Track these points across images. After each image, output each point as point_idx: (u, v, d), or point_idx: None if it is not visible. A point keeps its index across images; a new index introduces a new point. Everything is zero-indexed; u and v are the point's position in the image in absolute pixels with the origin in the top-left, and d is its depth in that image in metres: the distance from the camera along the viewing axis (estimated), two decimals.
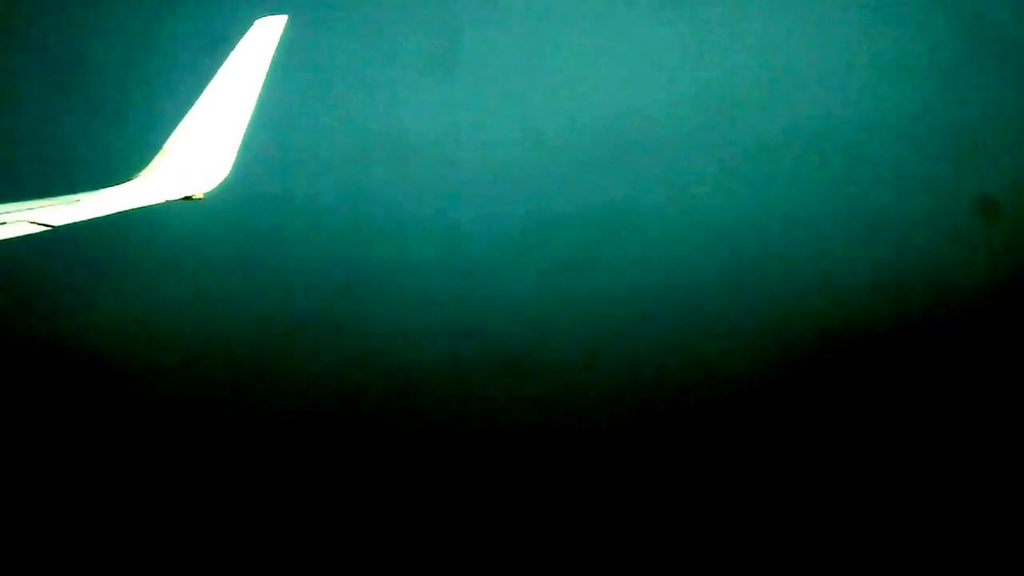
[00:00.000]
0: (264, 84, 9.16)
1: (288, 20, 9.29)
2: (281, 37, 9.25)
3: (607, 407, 13.51)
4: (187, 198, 8.85)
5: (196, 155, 9.02)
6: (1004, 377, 13.04)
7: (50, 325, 13.55)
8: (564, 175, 14.05)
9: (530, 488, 12.84)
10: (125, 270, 13.65)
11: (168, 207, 8.80)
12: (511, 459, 13.00)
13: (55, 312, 13.62)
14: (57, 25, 13.89)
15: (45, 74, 13.88)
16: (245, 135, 9.11)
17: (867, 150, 13.94)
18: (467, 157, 14.01)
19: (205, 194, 8.93)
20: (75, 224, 8.01)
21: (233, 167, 9.08)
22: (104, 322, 13.63)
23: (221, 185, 9.02)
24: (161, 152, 9.07)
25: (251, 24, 9.29)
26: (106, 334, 13.59)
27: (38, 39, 13.90)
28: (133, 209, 8.51)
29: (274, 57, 9.20)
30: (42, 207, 8.05)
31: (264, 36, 9.24)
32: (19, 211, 7.91)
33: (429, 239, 14.07)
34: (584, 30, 14.04)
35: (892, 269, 13.79)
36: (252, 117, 9.13)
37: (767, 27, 13.83)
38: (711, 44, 13.93)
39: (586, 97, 14.09)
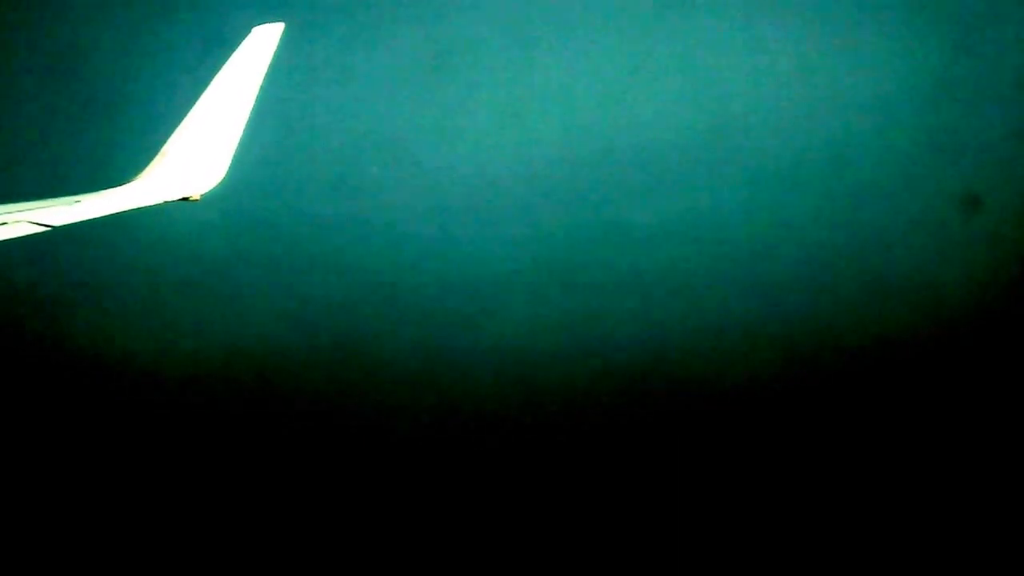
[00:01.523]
0: (261, 89, 9.25)
1: (285, 28, 9.37)
2: (278, 44, 9.33)
3: (606, 425, 13.54)
4: (184, 199, 8.94)
5: (194, 157, 9.11)
6: (1004, 383, 13.11)
7: (49, 324, 13.57)
8: (563, 184, 14.02)
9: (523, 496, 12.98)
10: (124, 269, 13.65)
11: (165, 208, 8.88)
12: (503, 474, 13.07)
13: (54, 311, 13.64)
14: (60, 29, 13.92)
15: (47, 77, 13.91)
16: (242, 138, 9.20)
17: (870, 167, 13.91)
18: (464, 161, 14.00)
19: (202, 196, 9.02)
20: (75, 224, 8.08)
21: (229, 170, 9.16)
22: (102, 321, 13.62)
23: (218, 187, 9.10)
24: (160, 154, 9.18)
25: (249, 31, 9.39)
26: (104, 334, 13.58)
27: (40, 42, 13.95)
28: (131, 209, 8.59)
29: (271, 63, 9.28)
30: (43, 208, 8.12)
31: (261, 43, 9.34)
32: (19, 211, 7.97)
33: (425, 242, 14.05)
34: (588, 40, 14.00)
35: (892, 282, 13.81)
36: (249, 121, 9.21)
37: (770, 44, 13.80)
38: (712, 60, 13.90)
39: (587, 107, 14.04)
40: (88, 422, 13.05)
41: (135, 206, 8.63)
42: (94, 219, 8.28)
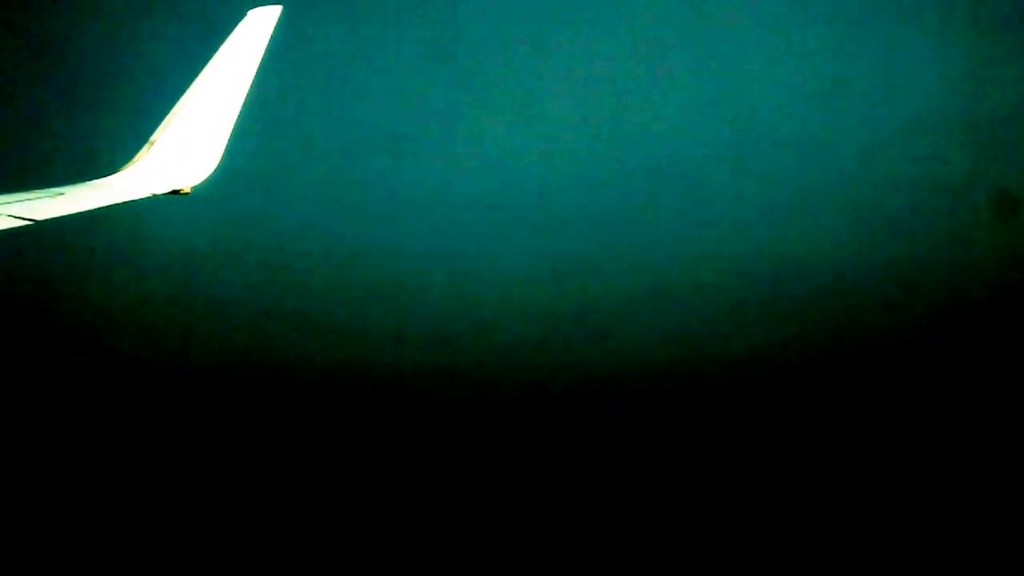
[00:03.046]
0: (256, 76, 9.09)
1: (282, 10, 9.18)
2: (275, 28, 9.15)
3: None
4: (174, 192, 8.79)
5: (184, 147, 8.96)
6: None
7: (30, 321, 13.45)
8: (570, 179, 13.99)
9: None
10: (108, 266, 13.60)
11: (154, 201, 8.71)
12: (503, 475, 13.00)
13: (35, 307, 13.54)
14: (44, 10, 13.82)
15: (29, 60, 13.80)
16: (235, 128, 9.05)
17: (900, 175, 13.84)
18: (467, 157, 13.96)
19: (192, 188, 8.87)
20: (58, 218, 7.87)
21: (221, 161, 9.03)
22: (86, 319, 13.57)
23: (209, 179, 8.96)
24: (148, 143, 9.00)
25: (244, 14, 9.21)
26: (88, 331, 13.53)
27: (23, 26, 13.84)
28: (118, 203, 8.43)
29: (267, 48, 9.12)
30: (23, 200, 7.91)
31: (257, 26, 9.16)
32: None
33: (423, 234, 13.98)
34: (603, 38, 13.98)
35: (925, 293, 13.74)
36: (243, 110, 9.06)
37: (794, 51, 13.76)
38: (735, 66, 13.87)
39: (601, 111, 14.02)
40: (69, 418, 12.99)
41: (121, 199, 8.44)
42: (77, 213, 8.08)
